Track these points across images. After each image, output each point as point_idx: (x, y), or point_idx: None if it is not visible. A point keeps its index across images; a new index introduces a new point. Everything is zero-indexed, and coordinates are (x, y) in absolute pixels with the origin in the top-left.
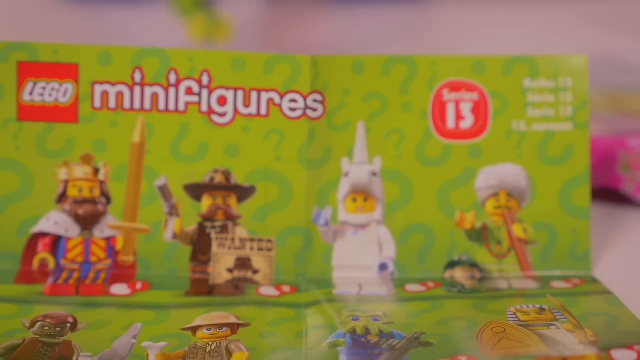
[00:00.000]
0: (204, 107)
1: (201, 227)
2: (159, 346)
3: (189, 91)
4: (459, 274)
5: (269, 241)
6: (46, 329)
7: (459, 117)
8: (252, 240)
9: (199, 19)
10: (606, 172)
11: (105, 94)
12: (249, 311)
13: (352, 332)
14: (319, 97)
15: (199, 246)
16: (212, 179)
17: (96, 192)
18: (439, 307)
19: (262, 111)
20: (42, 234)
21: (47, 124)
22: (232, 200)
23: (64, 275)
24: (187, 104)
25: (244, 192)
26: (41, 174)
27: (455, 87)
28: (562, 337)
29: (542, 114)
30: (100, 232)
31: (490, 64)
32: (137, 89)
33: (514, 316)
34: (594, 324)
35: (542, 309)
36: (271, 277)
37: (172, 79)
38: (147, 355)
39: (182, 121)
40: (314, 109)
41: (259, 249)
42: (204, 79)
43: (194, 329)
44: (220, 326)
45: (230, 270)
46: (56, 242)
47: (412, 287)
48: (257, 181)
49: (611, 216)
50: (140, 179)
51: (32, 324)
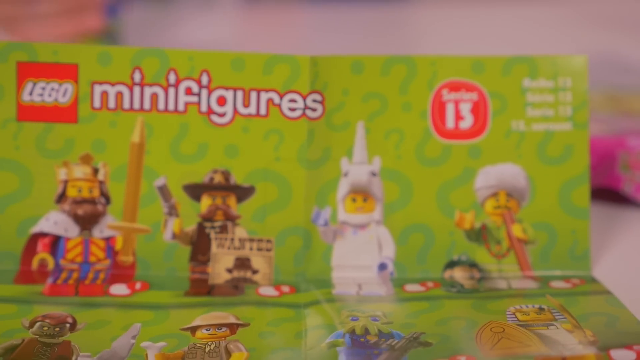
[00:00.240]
0: (204, 108)
1: (201, 228)
2: (158, 346)
3: (189, 91)
4: (458, 274)
5: (268, 241)
6: (45, 329)
7: (458, 117)
8: (251, 240)
9: None
10: (606, 172)
11: (105, 94)
12: (248, 311)
13: (352, 332)
14: (318, 97)
15: (199, 246)
16: (211, 179)
17: (96, 193)
18: (439, 307)
19: (262, 111)
20: (41, 234)
21: (47, 124)
22: (232, 200)
23: (64, 275)
24: (186, 104)
25: (243, 193)
26: (41, 174)
27: (455, 87)
28: (561, 337)
29: (542, 114)
30: (99, 232)
31: (489, 64)
32: (136, 89)
33: (514, 316)
34: (593, 324)
35: (541, 309)
36: (271, 278)
37: (172, 79)
38: (146, 355)
39: (182, 121)
40: (314, 109)
41: (259, 249)
42: (204, 79)
43: (194, 329)
44: (219, 326)
45: (229, 270)
46: (56, 243)
47: (412, 287)
48: (256, 181)
49: (611, 216)
50: (140, 179)
51: (32, 324)
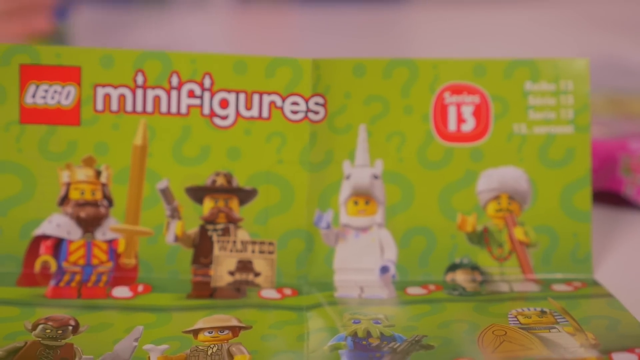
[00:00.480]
0: (206, 110)
1: (203, 230)
2: (160, 349)
3: (191, 94)
4: (460, 277)
5: (270, 244)
6: (48, 331)
7: (460, 120)
8: (253, 243)
9: None
10: (607, 175)
11: (107, 97)
12: (250, 314)
13: (354, 335)
14: (320, 100)
15: (201, 249)
16: (214, 182)
17: (98, 195)
18: (441, 310)
19: (264, 114)
20: (44, 237)
21: (50, 127)
22: (234, 203)
23: (66, 278)
24: (189, 107)
25: (245, 195)
26: (43, 177)
27: (456, 90)
28: (563, 340)
29: (544, 117)
30: (102, 234)
31: (491, 67)
32: (139, 92)
33: (516, 319)
34: (595, 327)
35: (543, 312)
36: (273, 280)
37: (175, 82)
38: (148, 358)
39: (184, 124)
40: (316, 112)
41: (261, 252)
42: (206, 82)
43: (196, 332)
44: (221, 329)
45: (232, 273)
46: (58, 245)
47: (414, 290)
48: (259, 184)
49: (612, 219)
50: (142, 181)
51: (34, 327)
